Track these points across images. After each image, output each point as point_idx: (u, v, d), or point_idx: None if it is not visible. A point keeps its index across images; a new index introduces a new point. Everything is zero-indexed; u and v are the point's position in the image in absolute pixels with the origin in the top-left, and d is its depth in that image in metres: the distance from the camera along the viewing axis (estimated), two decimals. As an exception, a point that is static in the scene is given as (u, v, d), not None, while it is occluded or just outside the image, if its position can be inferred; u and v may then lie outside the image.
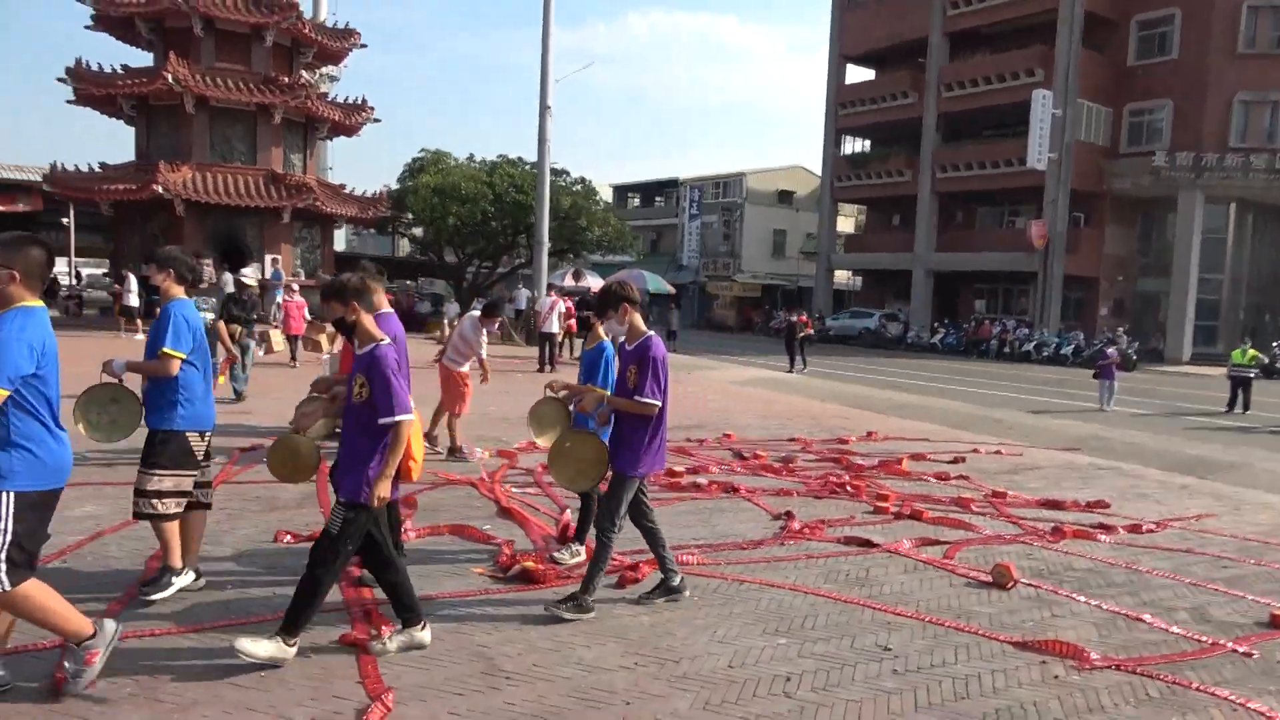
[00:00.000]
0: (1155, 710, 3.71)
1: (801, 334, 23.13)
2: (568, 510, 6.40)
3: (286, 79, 24.36)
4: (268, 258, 23.78)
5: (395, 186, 29.33)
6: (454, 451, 8.36)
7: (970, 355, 33.89)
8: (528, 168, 28.51)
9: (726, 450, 9.49)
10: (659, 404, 4.38)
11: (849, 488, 7.67)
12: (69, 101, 24.30)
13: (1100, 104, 35.46)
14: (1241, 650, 4.40)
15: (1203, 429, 14.89)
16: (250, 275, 11.57)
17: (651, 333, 4.55)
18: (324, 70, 33.38)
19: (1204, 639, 4.54)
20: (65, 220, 30.44)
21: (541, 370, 16.89)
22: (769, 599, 4.82)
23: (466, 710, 3.41)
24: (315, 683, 3.57)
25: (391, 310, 4.93)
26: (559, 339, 17.73)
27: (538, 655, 3.95)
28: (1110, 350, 18.05)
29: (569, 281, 27.45)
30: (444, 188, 26.77)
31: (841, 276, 50.57)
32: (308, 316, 15.29)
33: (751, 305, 49.64)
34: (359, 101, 26.44)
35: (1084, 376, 20.38)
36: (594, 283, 28.81)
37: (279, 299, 17.45)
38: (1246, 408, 17.35)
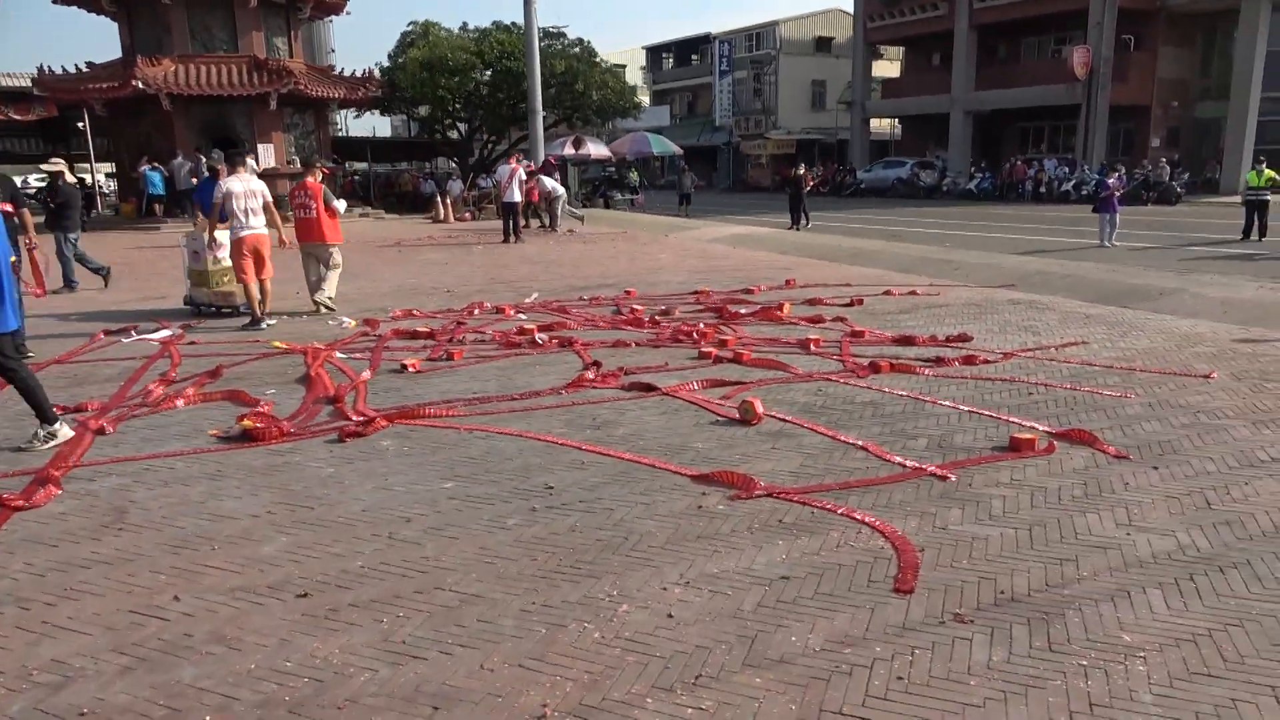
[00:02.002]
0: (769, 535, 3.53)
1: (807, 189, 22.37)
2: (365, 373, 6.37)
3: (258, -42, 23.63)
4: (260, 147, 23.76)
5: (387, 64, 28.64)
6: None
7: (1007, 199, 32.22)
8: (520, 33, 27.44)
9: (611, 306, 9.27)
10: None
11: (695, 335, 7.42)
12: (53, 1, 24.23)
13: (1153, -94, 31.96)
14: (939, 475, 4.15)
15: (1199, 259, 13.96)
16: (59, 164, 11.32)
17: None
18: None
19: (909, 465, 4.28)
20: (81, 125, 30.84)
21: (506, 241, 16.70)
22: (483, 446, 4.73)
23: (44, 560, 3.45)
24: (-71, 539, 3.66)
25: None
26: (521, 207, 17.37)
27: (177, 507, 3.96)
28: (1110, 181, 16.85)
29: (569, 150, 26.74)
30: (431, 61, 26.05)
31: (884, 126, 48.14)
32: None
33: (787, 163, 47.75)
34: (339, -24, 25.60)
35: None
36: (596, 150, 28.10)
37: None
38: (1264, 234, 16.14)
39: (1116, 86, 32.31)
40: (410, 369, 6.47)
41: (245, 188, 8.06)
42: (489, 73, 27.58)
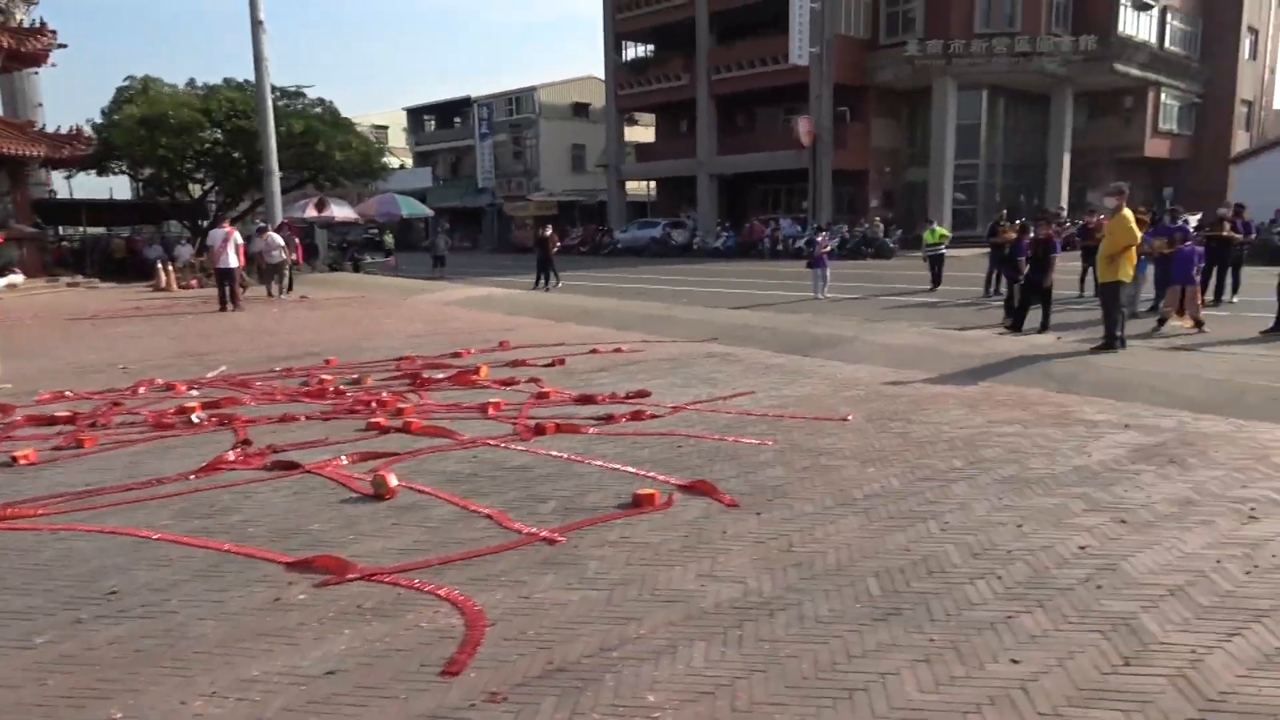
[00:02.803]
0: (340, 624, 3.31)
1: (555, 250, 22.75)
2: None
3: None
4: (-63, 211, 20.93)
5: (100, 121, 26.30)
6: None
7: (748, 256, 34.38)
8: (253, 92, 26.16)
9: (301, 378, 8.77)
10: None
11: (374, 405, 7.13)
12: None
13: (857, -5, 35.91)
14: (549, 539, 4.11)
15: (895, 307, 15.34)
16: None
17: None
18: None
19: (524, 531, 4.22)
20: None
21: (223, 309, 15.58)
22: (59, 549, 4.18)
23: None
24: None
25: None
26: (239, 274, 16.29)
27: None
28: (819, 238, 18.37)
29: (311, 212, 25.65)
30: (151, 118, 24.21)
31: (641, 188, 50.22)
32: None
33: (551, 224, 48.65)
34: (36, 24, 23.32)
35: (836, 268, 19.47)
36: (340, 212, 27.16)
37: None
38: (938, 283, 18.08)
39: (838, 153, 35.64)
40: (22, 461, 5.70)
41: None
42: (219, 132, 26.00)
